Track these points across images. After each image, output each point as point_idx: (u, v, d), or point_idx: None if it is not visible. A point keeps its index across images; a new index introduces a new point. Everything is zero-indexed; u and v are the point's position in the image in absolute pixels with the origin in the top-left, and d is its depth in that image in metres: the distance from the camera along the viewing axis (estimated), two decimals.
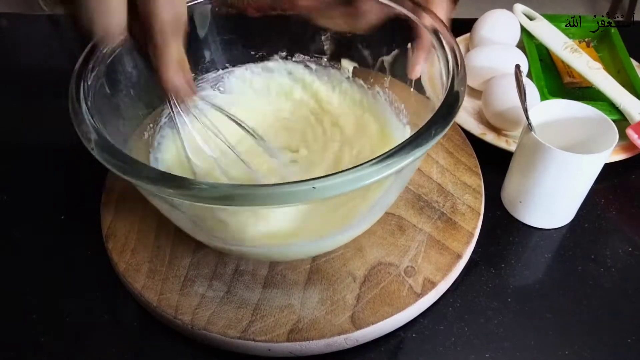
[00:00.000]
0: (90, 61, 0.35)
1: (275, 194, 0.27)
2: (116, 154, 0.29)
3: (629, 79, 0.55)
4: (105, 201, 0.46)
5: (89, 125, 0.31)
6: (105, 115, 0.34)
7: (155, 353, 0.39)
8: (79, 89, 0.33)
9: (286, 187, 0.27)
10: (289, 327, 0.37)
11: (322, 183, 0.27)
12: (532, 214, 0.46)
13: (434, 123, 0.31)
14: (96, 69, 0.35)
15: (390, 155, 0.29)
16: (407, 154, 0.29)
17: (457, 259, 0.41)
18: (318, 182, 0.27)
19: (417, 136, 0.30)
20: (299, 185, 0.27)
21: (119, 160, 0.29)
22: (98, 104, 0.34)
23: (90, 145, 0.30)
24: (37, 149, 0.55)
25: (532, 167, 0.43)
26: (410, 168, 0.36)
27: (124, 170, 0.29)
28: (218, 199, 0.27)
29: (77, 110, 0.32)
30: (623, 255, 0.45)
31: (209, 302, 0.39)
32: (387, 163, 0.28)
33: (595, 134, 0.43)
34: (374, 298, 0.39)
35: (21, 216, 0.49)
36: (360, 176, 0.28)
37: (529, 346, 0.39)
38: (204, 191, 0.27)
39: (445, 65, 0.35)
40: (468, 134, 0.53)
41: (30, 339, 0.40)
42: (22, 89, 0.63)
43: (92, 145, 0.30)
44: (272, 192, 0.27)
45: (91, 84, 0.34)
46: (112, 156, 0.29)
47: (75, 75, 0.34)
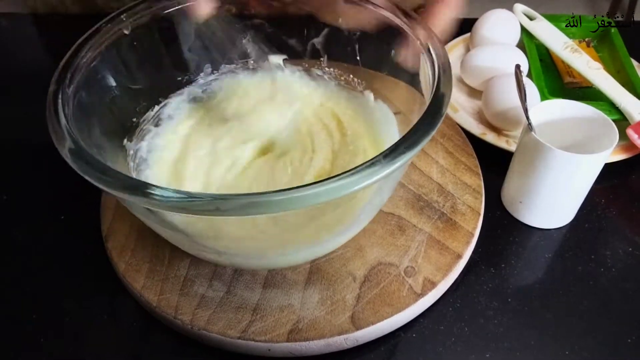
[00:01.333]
0: (70, 68, 0.35)
1: (236, 206, 0.26)
2: (90, 160, 0.29)
3: (629, 79, 0.55)
4: (105, 201, 0.46)
5: (64, 132, 0.31)
6: (81, 123, 0.34)
7: (155, 353, 0.39)
8: (56, 99, 0.33)
9: (251, 198, 0.26)
10: (289, 327, 0.37)
11: (294, 194, 0.26)
12: (532, 214, 0.46)
13: (415, 132, 0.30)
14: (75, 78, 0.35)
15: (372, 164, 0.28)
16: (391, 162, 0.28)
17: (457, 259, 0.41)
18: (284, 194, 0.26)
19: (400, 144, 0.29)
20: (264, 196, 0.26)
21: (94, 168, 0.29)
22: (76, 113, 0.34)
23: (64, 151, 0.30)
24: (37, 149, 0.54)
25: (532, 167, 0.43)
26: (396, 173, 0.36)
27: (99, 180, 0.28)
28: (178, 207, 0.27)
29: (54, 118, 0.32)
30: (623, 255, 0.45)
31: (209, 302, 0.39)
32: (368, 172, 0.27)
33: (596, 134, 0.43)
34: (374, 298, 0.39)
35: (21, 216, 0.49)
36: (341, 186, 0.27)
37: (529, 346, 0.39)
38: (168, 200, 0.27)
39: (432, 67, 0.35)
40: (468, 134, 0.53)
41: (30, 339, 0.40)
42: (22, 89, 0.63)
43: (66, 152, 0.30)
44: (236, 204, 0.26)
45: (70, 93, 0.34)
46: (86, 163, 0.29)
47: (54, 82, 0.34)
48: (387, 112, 0.45)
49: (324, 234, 0.37)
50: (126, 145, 0.42)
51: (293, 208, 0.27)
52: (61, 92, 0.34)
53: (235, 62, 0.49)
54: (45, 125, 0.32)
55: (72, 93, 0.35)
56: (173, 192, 0.27)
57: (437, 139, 0.51)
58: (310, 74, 0.49)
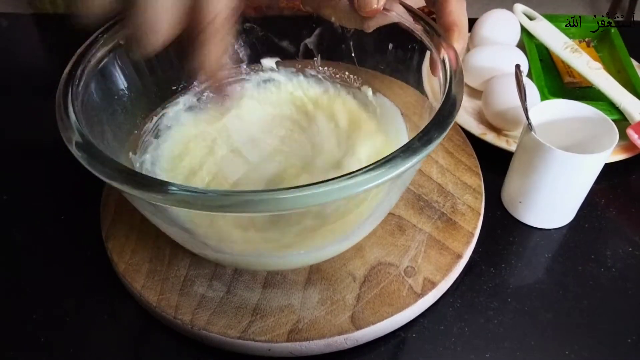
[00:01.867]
0: (81, 64, 0.35)
1: (246, 202, 0.26)
2: (97, 154, 0.29)
3: (629, 79, 0.55)
4: (105, 201, 0.46)
5: (71, 123, 0.31)
6: (91, 118, 0.34)
7: (155, 353, 0.39)
8: (67, 92, 0.33)
9: (258, 195, 0.26)
10: (289, 327, 0.37)
11: (302, 192, 0.26)
12: (532, 214, 0.46)
13: (429, 130, 0.30)
14: (85, 73, 0.35)
15: (385, 162, 0.28)
16: (404, 161, 0.28)
17: (457, 259, 0.41)
18: (295, 192, 0.26)
19: (412, 143, 0.29)
20: (268, 194, 0.26)
21: (98, 160, 0.29)
22: (86, 108, 0.34)
23: (72, 145, 0.30)
24: (37, 149, 0.55)
25: (532, 167, 0.43)
26: (408, 174, 0.36)
27: (105, 174, 0.28)
28: (187, 203, 0.27)
29: (63, 112, 0.32)
30: (623, 255, 0.45)
31: (209, 302, 0.39)
32: (381, 170, 0.27)
33: (596, 134, 0.43)
34: (374, 298, 0.39)
35: (21, 216, 0.49)
36: (353, 184, 0.27)
37: (529, 346, 0.39)
38: (176, 195, 0.26)
39: (443, 69, 0.35)
40: (468, 134, 0.53)
41: (30, 339, 0.40)
42: (22, 89, 0.63)
43: (73, 145, 0.29)
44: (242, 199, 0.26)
45: (80, 89, 0.34)
46: (91, 155, 0.29)
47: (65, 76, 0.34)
48: (388, 104, 0.45)
49: (329, 239, 0.37)
50: (132, 158, 0.42)
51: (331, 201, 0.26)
52: (71, 87, 0.34)
53: (229, 68, 0.49)
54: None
55: (81, 92, 0.34)
56: (177, 187, 0.27)
57: None
58: (304, 74, 0.50)
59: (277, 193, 0.26)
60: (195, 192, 0.26)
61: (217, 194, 0.26)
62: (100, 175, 0.28)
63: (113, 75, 0.39)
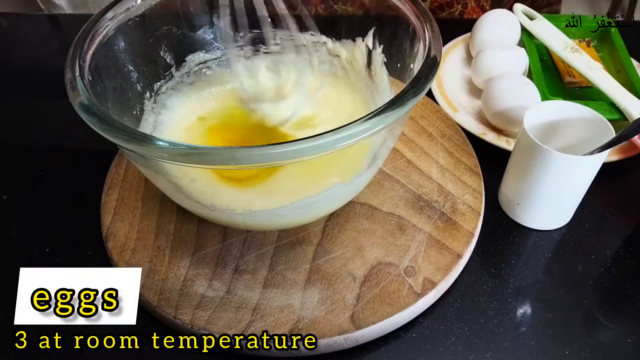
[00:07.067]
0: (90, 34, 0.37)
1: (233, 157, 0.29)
2: (96, 111, 0.31)
3: (629, 79, 0.55)
4: (105, 201, 0.46)
5: (78, 85, 0.33)
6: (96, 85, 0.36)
7: (155, 353, 0.39)
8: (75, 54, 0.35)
9: (246, 151, 0.28)
10: (289, 327, 0.37)
11: (290, 147, 0.28)
12: (530, 216, 0.46)
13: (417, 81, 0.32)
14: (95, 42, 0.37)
15: (382, 110, 0.30)
16: (398, 108, 0.31)
17: (457, 258, 0.41)
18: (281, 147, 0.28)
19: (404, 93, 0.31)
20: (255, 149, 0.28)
21: (97, 117, 0.31)
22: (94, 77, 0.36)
23: (76, 103, 0.32)
24: (37, 149, 0.55)
25: (529, 169, 0.42)
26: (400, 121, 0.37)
27: (103, 129, 0.30)
28: (180, 155, 0.29)
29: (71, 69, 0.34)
30: (623, 255, 0.45)
31: (209, 302, 0.39)
32: (378, 117, 0.30)
33: (593, 134, 0.43)
34: (374, 298, 0.39)
35: (21, 216, 0.49)
36: (350, 134, 0.29)
37: (529, 346, 0.39)
38: (167, 149, 0.29)
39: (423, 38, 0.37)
40: (468, 133, 0.53)
41: (30, 339, 0.40)
42: (22, 89, 0.63)
43: (77, 101, 0.32)
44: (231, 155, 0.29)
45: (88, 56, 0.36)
46: (91, 114, 0.31)
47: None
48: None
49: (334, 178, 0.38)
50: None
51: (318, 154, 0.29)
52: (79, 57, 0.35)
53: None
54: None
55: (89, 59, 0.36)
56: (168, 143, 0.29)
57: (437, 138, 0.51)
58: None
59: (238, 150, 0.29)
60: (173, 145, 0.29)
61: (189, 147, 0.29)
62: (100, 132, 0.30)
63: (118, 48, 0.41)
